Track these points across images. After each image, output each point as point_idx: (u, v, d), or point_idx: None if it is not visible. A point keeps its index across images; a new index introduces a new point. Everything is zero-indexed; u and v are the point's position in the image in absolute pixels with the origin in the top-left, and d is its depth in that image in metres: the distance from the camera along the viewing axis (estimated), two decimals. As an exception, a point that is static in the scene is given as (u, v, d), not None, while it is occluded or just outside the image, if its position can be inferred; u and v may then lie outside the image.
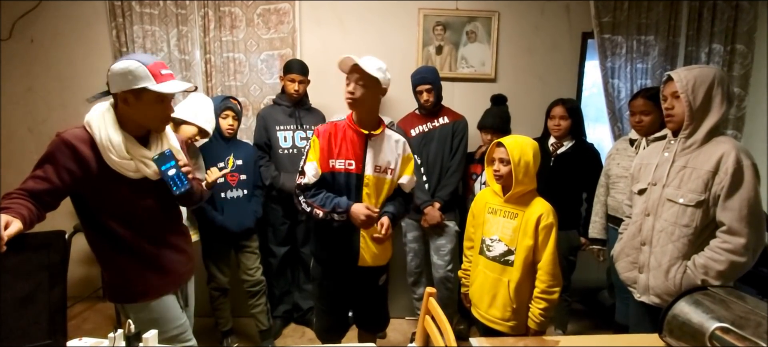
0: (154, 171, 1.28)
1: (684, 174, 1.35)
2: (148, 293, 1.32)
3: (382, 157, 1.61)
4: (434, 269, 2.35)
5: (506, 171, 1.52)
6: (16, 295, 1.06)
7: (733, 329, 1.03)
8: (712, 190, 1.29)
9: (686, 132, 1.36)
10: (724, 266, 1.27)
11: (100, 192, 1.24)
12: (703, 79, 1.31)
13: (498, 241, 1.58)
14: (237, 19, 2.50)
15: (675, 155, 1.39)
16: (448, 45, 2.60)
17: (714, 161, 1.29)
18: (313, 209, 1.56)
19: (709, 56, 2.58)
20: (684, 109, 1.32)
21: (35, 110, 2.60)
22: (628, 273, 1.53)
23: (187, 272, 1.46)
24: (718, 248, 1.29)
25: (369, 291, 1.74)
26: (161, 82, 1.22)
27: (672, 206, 1.37)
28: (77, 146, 1.19)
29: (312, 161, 1.57)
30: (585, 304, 2.84)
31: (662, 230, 1.39)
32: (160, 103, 1.26)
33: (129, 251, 1.29)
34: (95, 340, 1.12)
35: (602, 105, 2.63)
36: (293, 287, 2.61)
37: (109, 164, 1.22)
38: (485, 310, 1.60)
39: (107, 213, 1.26)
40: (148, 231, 1.32)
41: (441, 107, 2.33)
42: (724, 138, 1.33)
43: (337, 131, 1.60)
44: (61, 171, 1.18)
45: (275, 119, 2.34)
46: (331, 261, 1.69)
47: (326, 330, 1.78)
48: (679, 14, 2.53)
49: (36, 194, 1.15)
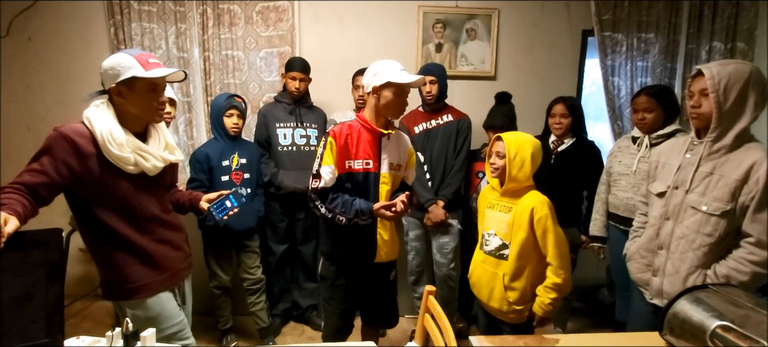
0: (153, 166, 1.29)
1: (710, 181, 1.27)
2: (144, 289, 1.31)
3: (393, 155, 1.65)
4: (437, 267, 2.35)
5: (501, 165, 1.53)
6: (12, 294, 1.04)
7: (734, 327, 1.02)
8: (740, 200, 1.22)
9: (713, 135, 1.26)
10: (748, 277, 1.23)
11: (98, 187, 1.23)
12: (737, 78, 1.20)
13: (494, 235, 1.59)
14: (236, 17, 2.48)
15: (701, 159, 1.30)
16: (447, 43, 2.59)
17: (743, 169, 1.21)
18: (336, 217, 1.55)
19: (710, 54, 2.57)
20: (712, 109, 1.23)
21: (33, 107, 2.59)
22: (641, 274, 1.50)
23: (184, 269, 1.45)
24: (743, 259, 1.24)
25: (382, 287, 1.75)
26: (150, 70, 1.22)
27: (695, 213, 1.30)
28: (76, 140, 1.19)
29: (328, 164, 1.55)
30: (585, 302, 2.84)
31: (683, 237, 1.33)
32: (152, 91, 1.25)
33: (125, 247, 1.28)
34: (93, 339, 1.11)
35: (602, 103, 2.62)
36: (292, 285, 2.60)
37: (109, 157, 1.21)
38: (486, 302, 1.63)
39: (104, 209, 1.25)
40: (145, 227, 1.31)
41: (445, 105, 2.32)
42: (756, 145, 1.24)
43: (352, 132, 1.60)
44: (58, 165, 1.16)
45: (275, 116, 2.34)
46: (346, 259, 1.68)
47: (336, 332, 1.75)
48: (679, 12, 2.53)
49: (32, 187, 1.14)
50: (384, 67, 1.53)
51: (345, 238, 1.64)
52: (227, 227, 2.09)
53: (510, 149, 1.50)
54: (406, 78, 1.51)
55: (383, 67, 1.53)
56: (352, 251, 1.66)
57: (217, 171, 2.08)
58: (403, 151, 1.68)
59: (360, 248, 1.66)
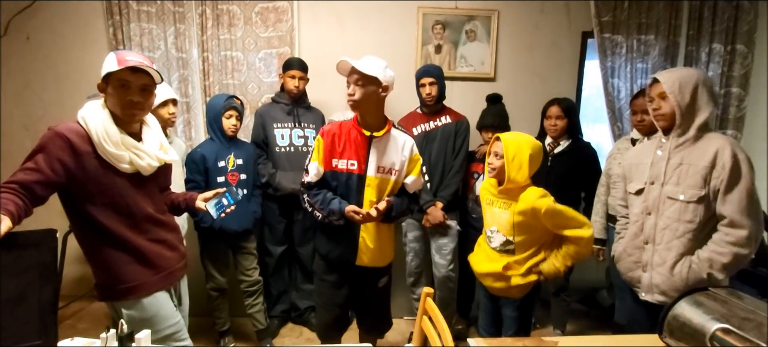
0: (148, 164, 1.29)
1: (681, 171, 1.38)
2: (140, 289, 1.30)
3: (386, 158, 1.61)
4: (436, 268, 2.34)
5: (499, 165, 1.54)
6: (6, 295, 1.04)
7: (734, 330, 1.02)
8: (711, 184, 1.32)
9: (678, 130, 1.38)
10: (729, 258, 1.30)
11: (93, 186, 1.22)
12: (687, 80, 1.35)
13: (497, 232, 1.61)
14: (235, 17, 2.48)
15: (670, 153, 1.41)
16: (447, 44, 2.59)
17: (710, 156, 1.32)
18: (314, 210, 1.61)
19: (710, 56, 2.57)
20: (673, 108, 1.36)
21: (31, 107, 2.58)
22: (631, 273, 1.53)
23: (179, 269, 1.44)
24: (721, 241, 1.32)
25: (368, 293, 1.74)
26: (120, 66, 1.21)
27: (673, 203, 1.39)
28: (72, 139, 1.18)
29: (315, 160, 1.60)
30: (584, 304, 2.83)
31: (666, 228, 1.40)
32: (122, 87, 1.24)
33: (120, 246, 1.27)
34: (87, 340, 1.10)
35: (602, 105, 2.62)
36: (291, 286, 2.59)
37: (104, 155, 1.21)
38: (488, 283, 1.67)
39: (99, 207, 1.24)
40: (140, 226, 1.31)
41: (443, 107, 2.32)
42: (715, 134, 1.37)
43: (341, 132, 1.61)
44: (53, 163, 1.16)
45: (273, 116, 2.33)
46: (329, 256, 1.70)
47: (326, 326, 1.78)
48: (679, 14, 2.53)
49: (27, 186, 1.13)
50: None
51: (330, 236, 1.67)
52: (223, 228, 2.07)
53: (508, 149, 1.51)
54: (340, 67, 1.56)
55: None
56: (335, 250, 1.68)
57: (213, 172, 2.07)
58: (400, 155, 1.62)
59: (342, 247, 1.66)
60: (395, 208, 1.61)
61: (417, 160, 1.68)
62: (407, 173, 1.65)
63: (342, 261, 1.67)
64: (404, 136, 1.66)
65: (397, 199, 1.65)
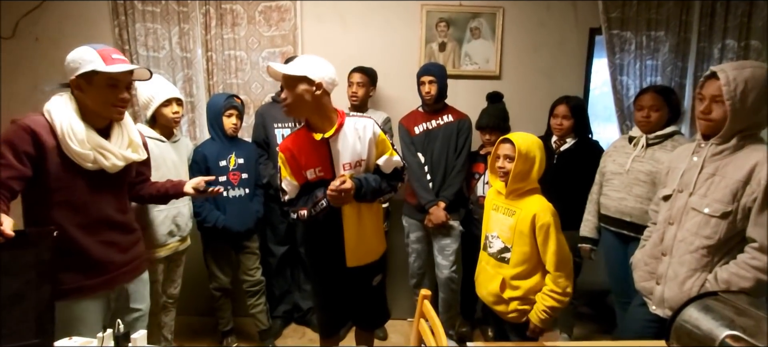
0: (113, 164, 1.27)
1: (712, 183, 1.24)
2: (72, 293, 1.25)
3: (349, 152, 1.52)
4: (438, 269, 2.31)
5: (511, 168, 1.48)
6: (3, 293, 1.04)
7: (744, 337, 0.98)
8: (741, 201, 1.19)
9: (721, 138, 1.23)
10: (750, 283, 1.18)
11: (54, 182, 1.20)
12: (755, 83, 1.13)
13: (496, 238, 1.57)
14: (238, 17, 2.48)
15: (705, 161, 1.27)
16: (451, 42, 2.56)
17: (746, 170, 1.18)
18: (299, 214, 1.52)
19: (722, 53, 2.49)
20: (723, 116, 1.17)
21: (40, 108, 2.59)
22: (644, 283, 1.45)
23: (125, 273, 1.39)
24: (745, 264, 1.20)
25: (363, 292, 1.71)
26: (111, 65, 1.20)
27: (696, 215, 1.27)
28: (37, 131, 1.17)
29: (285, 177, 1.54)
30: (592, 307, 2.77)
31: (682, 240, 1.30)
32: (112, 87, 1.22)
33: (64, 244, 1.22)
34: (84, 340, 1.10)
35: (611, 103, 2.56)
36: (293, 287, 2.59)
37: (67, 153, 1.19)
38: (491, 304, 1.61)
39: (55, 204, 1.21)
40: (93, 228, 1.28)
41: (445, 105, 2.29)
42: (759, 146, 1.20)
43: (297, 143, 1.53)
44: (20, 156, 1.14)
45: (273, 116, 2.32)
46: (320, 262, 1.69)
47: (324, 324, 1.79)
48: (690, 9, 2.45)
49: (3, 182, 1.11)
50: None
51: (315, 242, 1.66)
52: (226, 228, 2.08)
53: (521, 149, 1.46)
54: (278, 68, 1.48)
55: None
56: (323, 256, 1.65)
57: (214, 172, 2.06)
58: (363, 142, 1.53)
59: (328, 252, 1.61)
60: (365, 184, 1.49)
61: (383, 138, 1.57)
62: (378, 155, 1.57)
63: (332, 264, 1.63)
64: (362, 120, 1.56)
65: (369, 175, 1.54)
